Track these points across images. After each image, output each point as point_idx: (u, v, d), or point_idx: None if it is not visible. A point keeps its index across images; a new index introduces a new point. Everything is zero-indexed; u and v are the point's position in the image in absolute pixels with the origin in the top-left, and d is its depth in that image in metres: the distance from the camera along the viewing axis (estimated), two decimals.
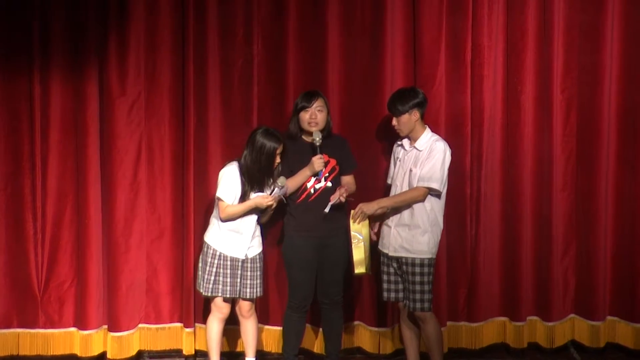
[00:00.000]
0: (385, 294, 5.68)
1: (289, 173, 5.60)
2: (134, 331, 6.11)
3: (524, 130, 6.09)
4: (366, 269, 5.53)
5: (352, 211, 5.48)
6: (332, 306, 5.77)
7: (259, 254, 5.69)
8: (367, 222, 5.51)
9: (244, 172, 5.52)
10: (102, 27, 5.88)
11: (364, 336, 6.22)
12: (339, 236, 5.65)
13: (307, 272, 5.66)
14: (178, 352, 6.21)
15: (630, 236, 6.17)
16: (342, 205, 5.57)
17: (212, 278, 5.59)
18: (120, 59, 5.92)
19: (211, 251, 5.60)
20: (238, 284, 5.61)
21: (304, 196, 5.63)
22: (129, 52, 5.92)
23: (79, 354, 6.09)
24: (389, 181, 5.75)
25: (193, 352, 6.16)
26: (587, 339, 6.24)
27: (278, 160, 5.54)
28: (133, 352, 6.13)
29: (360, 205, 5.47)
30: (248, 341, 5.78)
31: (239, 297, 5.64)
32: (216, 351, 5.74)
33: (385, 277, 5.65)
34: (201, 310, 6.10)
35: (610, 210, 6.16)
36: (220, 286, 5.60)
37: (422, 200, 5.44)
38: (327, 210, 5.51)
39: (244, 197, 5.54)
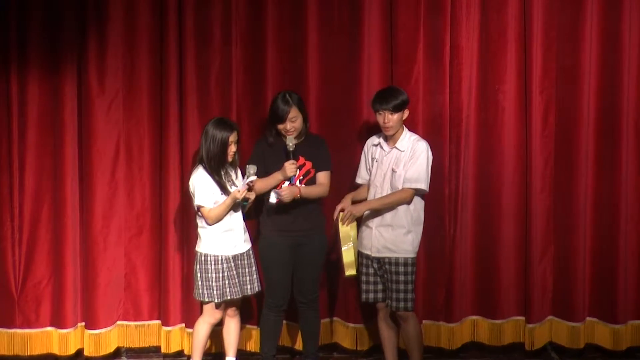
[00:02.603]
0: (363, 295, 5.67)
1: (266, 175, 5.60)
2: (111, 328, 6.12)
3: (503, 131, 6.09)
4: (356, 271, 5.55)
5: (341, 214, 5.48)
6: (308, 305, 5.77)
7: (250, 248, 5.70)
8: (355, 224, 5.51)
9: (208, 169, 5.51)
10: (80, 27, 5.88)
11: (342, 333, 6.23)
12: (315, 235, 5.66)
13: (284, 271, 5.67)
14: (157, 349, 6.22)
15: (609, 238, 6.15)
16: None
17: (220, 283, 5.54)
18: (98, 59, 5.93)
19: (211, 259, 5.54)
20: (241, 283, 5.60)
21: (277, 200, 5.59)
22: (107, 52, 5.93)
23: (57, 353, 6.09)
24: (358, 180, 5.74)
25: (172, 351, 6.17)
26: (566, 341, 6.23)
27: (234, 149, 5.53)
28: (111, 349, 6.14)
29: (349, 207, 5.47)
30: (230, 341, 5.77)
31: (245, 294, 5.63)
32: (200, 353, 5.72)
33: (364, 278, 5.64)
34: (182, 309, 6.11)
35: (589, 211, 6.15)
36: (229, 289, 5.56)
37: (409, 201, 5.45)
38: (272, 200, 5.51)
39: (224, 192, 5.53)
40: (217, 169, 5.51)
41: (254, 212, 5.78)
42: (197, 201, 5.51)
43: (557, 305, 6.24)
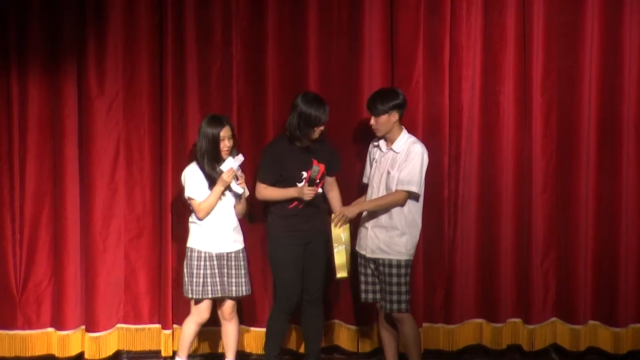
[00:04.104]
0: (362, 295, 5.69)
1: (281, 178, 5.61)
2: (111, 331, 6.11)
3: (503, 132, 6.07)
4: (347, 273, 5.55)
5: (333, 215, 5.49)
6: (312, 303, 5.79)
7: (242, 250, 5.70)
8: (348, 225, 5.52)
9: (202, 166, 5.55)
10: (79, 28, 5.89)
11: (343, 335, 6.21)
12: (321, 234, 5.70)
13: (297, 271, 5.70)
14: (156, 353, 6.20)
15: (611, 239, 6.14)
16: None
17: (201, 280, 5.58)
18: (98, 60, 5.93)
19: (195, 254, 5.60)
20: (225, 283, 5.61)
21: (295, 203, 5.64)
22: (107, 53, 5.93)
23: (56, 355, 6.08)
24: (364, 180, 5.76)
25: (171, 354, 6.13)
26: (568, 343, 6.22)
27: (227, 144, 5.56)
28: (111, 352, 6.13)
29: (342, 209, 5.49)
30: (229, 343, 5.78)
31: (227, 295, 5.64)
32: (186, 351, 5.75)
33: (362, 278, 5.66)
34: (179, 311, 6.08)
35: (590, 213, 6.13)
36: (210, 287, 5.59)
37: (403, 204, 5.46)
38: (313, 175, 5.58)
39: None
40: (211, 165, 5.54)
41: (263, 214, 5.83)
42: (187, 193, 5.56)
43: (558, 308, 6.22)
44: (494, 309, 6.16)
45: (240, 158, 5.56)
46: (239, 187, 5.58)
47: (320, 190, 5.62)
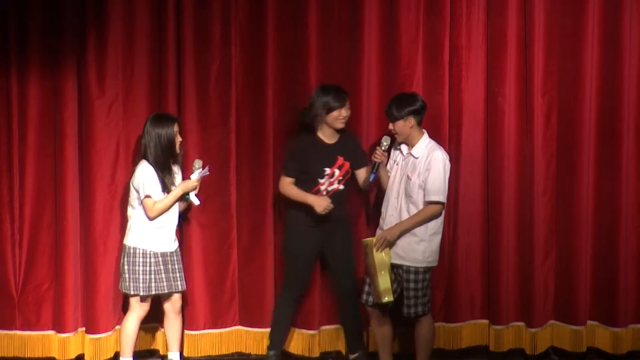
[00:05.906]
0: (364, 297, 5.69)
1: (302, 174, 5.73)
2: (111, 333, 6.09)
3: (504, 132, 6.06)
4: (393, 296, 5.54)
5: (374, 239, 5.50)
6: (348, 296, 5.88)
7: (179, 248, 5.81)
8: (388, 249, 5.51)
9: (155, 165, 5.60)
10: (80, 28, 5.88)
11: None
12: (343, 230, 5.83)
13: (309, 262, 5.84)
14: (155, 353, 6.22)
15: (610, 241, 6.13)
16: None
17: (147, 277, 5.63)
18: (98, 60, 5.92)
19: (140, 251, 5.64)
20: (171, 279, 5.70)
21: (316, 189, 5.74)
22: (107, 54, 5.92)
23: (57, 357, 6.06)
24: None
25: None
26: (568, 344, 6.21)
27: (180, 138, 5.67)
28: (110, 354, 6.10)
29: (383, 233, 5.50)
30: (176, 336, 5.87)
31: (174, 290, 5.72)
32: (131, 349, 5.79)
33: (367, 280, 5.64)
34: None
35: (590, 214, 6.13)
36: (154, 284, 5.65)
37: (439, 214, 5.49)
38: (371, 179, 5.65)
39: (165, 189, 5.63)
40: (167, 164, 5.64)
41: (283, 206, 5.94)
42: (147, 191, 5.59)
43: (558, 309, 6.22)
44: (495, 310, 6.15)
45: (206, 172, 5.68)
46: (195, 198, 5.70)
47: (342, 187, 5.71)
